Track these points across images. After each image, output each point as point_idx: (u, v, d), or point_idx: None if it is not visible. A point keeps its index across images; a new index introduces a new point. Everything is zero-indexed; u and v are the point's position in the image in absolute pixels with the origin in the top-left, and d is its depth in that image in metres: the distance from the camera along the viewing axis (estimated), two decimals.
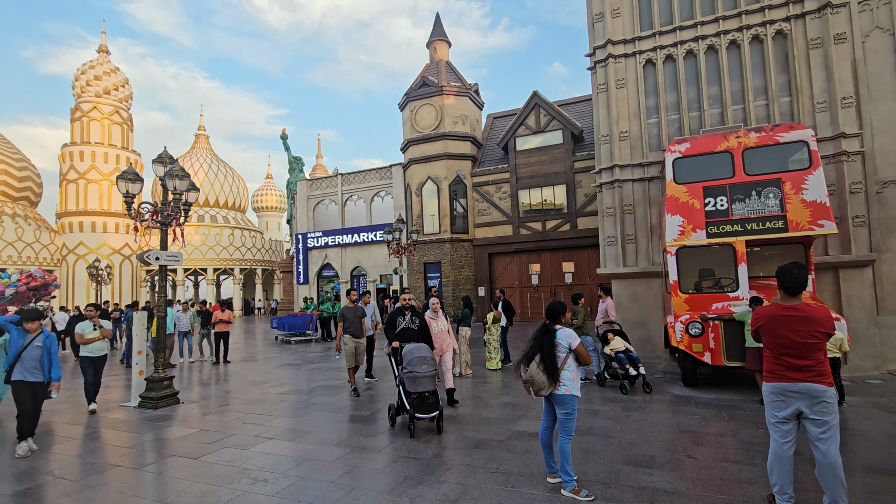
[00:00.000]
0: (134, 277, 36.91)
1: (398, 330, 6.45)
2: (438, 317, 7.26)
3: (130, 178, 8.40)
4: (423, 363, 5.75)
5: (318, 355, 13.46)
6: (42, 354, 5.69)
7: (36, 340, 5.69)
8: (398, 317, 6.56)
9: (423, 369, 5.70)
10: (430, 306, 7.26)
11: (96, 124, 35.30)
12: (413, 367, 5.70)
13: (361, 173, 26.98)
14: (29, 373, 5.61)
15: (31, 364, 5.62)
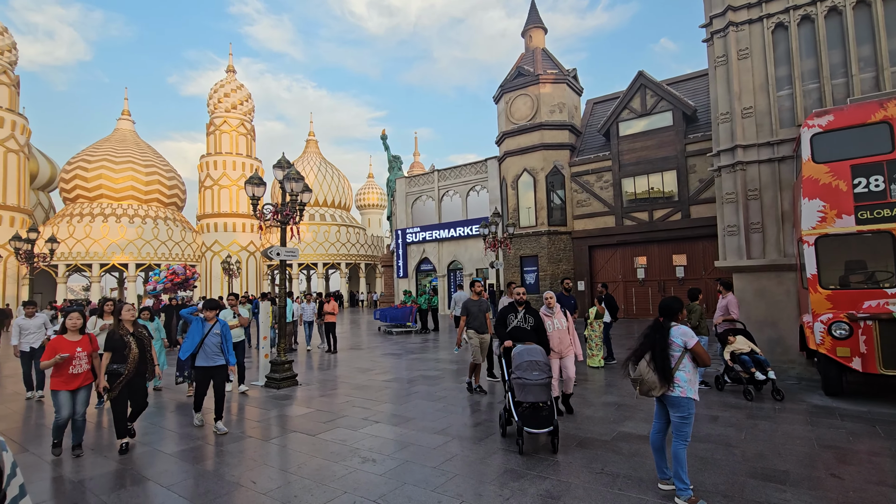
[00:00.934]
0: (258, 271, 41.42)
1: (509, 329, 5.73)
2: (555, 313, 6.17)
3: (256, 182, 9.41)
4: (534, 368, 4.96)
5: (417, 346, 13.96)
6: (221, 341, 5.99)
7: (214, 328, 5.97)
8: (509, 314, 5.81)
9: (534, 376, 4.91)
10: (545, 301, 6.19)
11: (226, 136, 40.11)
12: (522, 372, 4.95)
13: (457, 168, 27.37)
14: (210, 359, 5.91)
15: (212, 350, 5.90)
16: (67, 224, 34.98)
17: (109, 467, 4.89)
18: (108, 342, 5.24)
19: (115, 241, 35.11)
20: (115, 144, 40.58)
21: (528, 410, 4.93)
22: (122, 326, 5.41)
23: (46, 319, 8.64)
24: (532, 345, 5.27)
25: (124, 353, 5.23)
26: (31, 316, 8.31)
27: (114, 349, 5.25)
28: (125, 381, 5.21)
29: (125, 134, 42.70)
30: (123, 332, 5.35)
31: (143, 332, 5.51)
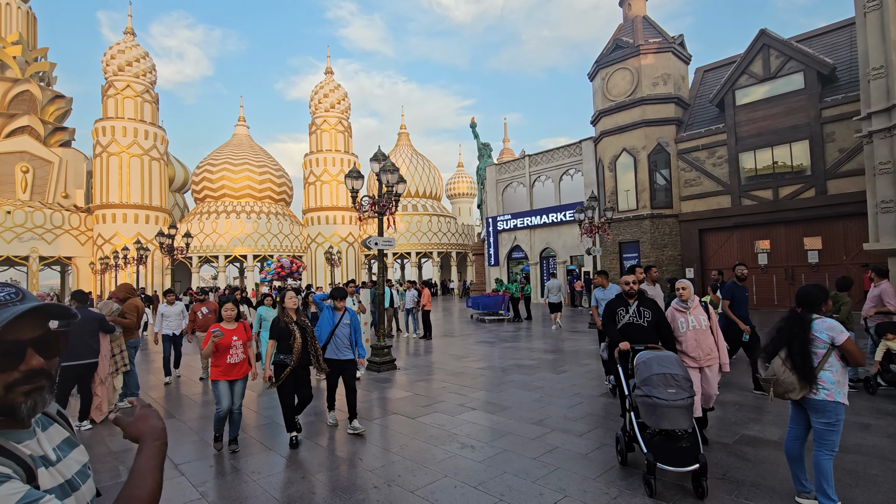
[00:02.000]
0: (357, 261, 43.92)
1: (620, 326, 4.55)
2: (690, 308, 4.63)
3: (354, 175, 9.86)
4: (669, 384, 3.65)
5: (510, 334, 13.79)
6: (351, 332, 5.57)
7: (344, 318, 5.52)
8: (619, 307, 4.63)
9: (671, 395, 3.61)
10: (678, 293, 4.68)
11: (326, 134, 42.80)
12: (652, 388, 3.67)
13: (549, 153, 26.46)
14: (340, 352, 5.48)
15: (342, 343, 5.48)
16: (198, 221, 39.90)
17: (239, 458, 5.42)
18: (273, 331, 4.97)
19: (235, 235, 39.35)
20: (233, 148, 45.35)
21: (661, 439, 3.69)
22: (287, 314, 5.03)
23: (183, 307, 9.08)
24: (665, 351, 4.01)
25: (289, 342, 4.91)
26: (171, 303, 8.80)
27: (279, 338, 4.96)
28: (290, 373, 4.94)
29: (241, 138, 47.50)
30: (288, 321, 4.98)
31: (306, 322, 5.10)
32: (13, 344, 0.88)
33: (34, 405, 0.91)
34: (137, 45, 37.87)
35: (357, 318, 5.65)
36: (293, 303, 5.10)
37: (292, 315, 5.06)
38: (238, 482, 4.22)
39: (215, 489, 4.09)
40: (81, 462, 1.05)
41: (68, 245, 35.39)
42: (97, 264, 34.37)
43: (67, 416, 1.14)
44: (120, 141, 35.72)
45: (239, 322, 5.05)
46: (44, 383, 0.92)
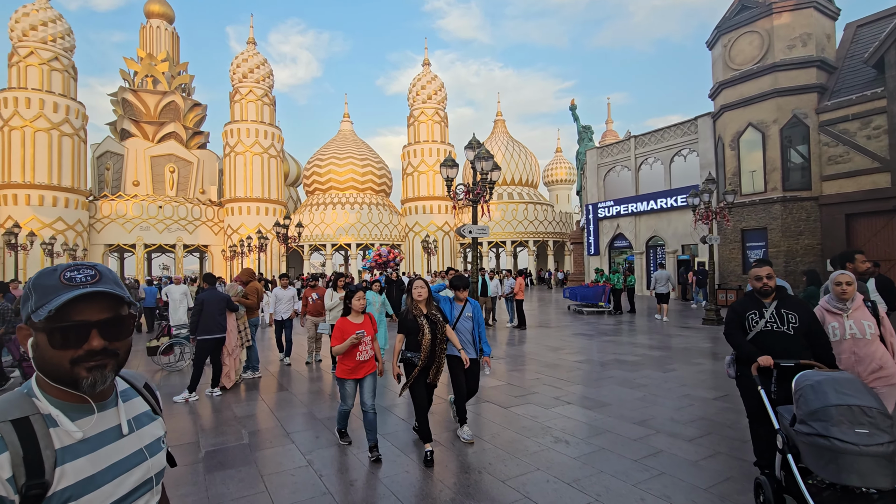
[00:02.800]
0: (452, 249, 44.67)
1: (752, 335, 3.45)
2: (851, 310, 3.53)
3: (449, 164, 9.91)
4: (858, 421, 2.45)
5: (611, 328, 13.03)
6: (473, 327, 4.86)
7: (466, 311, 4.87)
8: (749, 309, 3.51)
9: (862, 438, 2.40)
10: (836, 288, 3.53)
11: (423, 126, 43.87)
12: (830, 426, 2.47)
13: (658, 133, 24.39)
14: (466, 348, 4.75)
15: (464, 339, 4.79)
16: (308, 212, 43.42)
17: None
18: (401, 324, 4.42)
19: (341, 225, 42.21)
20: (339, 144, 48.47)
21: (837, 495, 2.52)
22: (416, 306, 4.38)
23: (294, 292, 9.42)
24: (842, 373, 2.78)
25: (417, 338, 4.29)
26: (284, 287, 9.17)
27: (407, 332, 4.38)
28: (419, 374, 4.30)
29: (346, 134, 50.56)
30: (417, 314, 4.34)
31: (437, 316, 4.38)
32: (79, 324, 0.94)
33: (94, 381, 0.95)
34: (258, 53, 41.95)
35: (480, 310, 4.99)
36: (422, 293, 4.40)
37: (421, 307, 4.39)
38: (341, 454, 4.46)
39: (320, 458, 4.37)
40: (156, 436, 1.11)
41: (205, 235, 40.68)
42: (227, 251, 39.11)
43: (155, 390, 1.23)
44: (244, 141, 40.07)
45: (365, 315, 4.54)
46: (107, 362, 0.97)
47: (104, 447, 0.98)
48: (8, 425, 0.87)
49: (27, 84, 33.07)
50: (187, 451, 4.66)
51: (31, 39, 33.46)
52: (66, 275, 0.96)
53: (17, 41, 33.58)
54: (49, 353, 0.93)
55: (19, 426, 0.88)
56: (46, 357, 0.94)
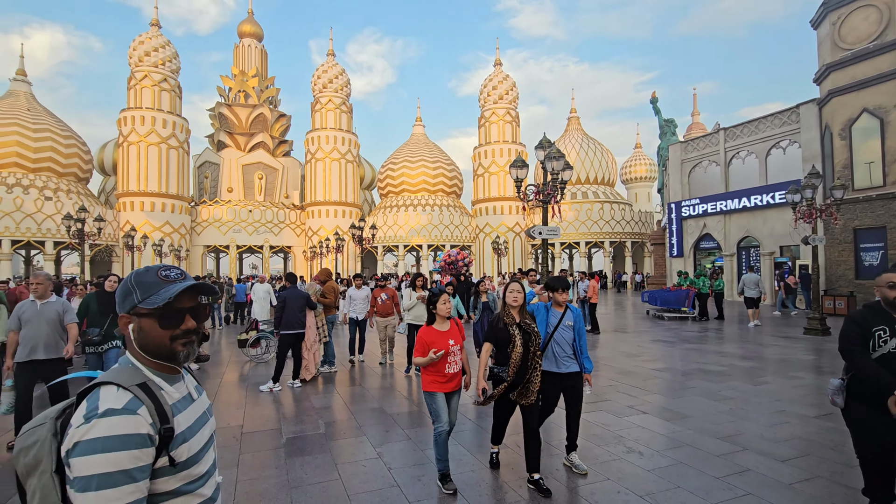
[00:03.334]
0: (523, 250, 44.05)
1: (879, 354, 2.81)
2: None
3: (519, 165, 9.82)
4: None
5: (694, 335, 12.15)
6: (574, 337, 4.02)
7: (566, 318, 4.03)
8: (876, 324, 2.84)
9: None
10: None
11: (494, 126, 43.72)
12: None
13: (752, 123, 22.38)
14: (560, 363, 3.99)
15: (562, 352, 3.98)
16: (382, 214, 44.95)
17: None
18: (490, 332, 3.79)
19: (413, 227, 43.25)
20: (411, 147, 49.69)
21: None
22: (508, 314, 3.75)
23: (369, 291, 9.23)
24: None
25: (507, 350, 3.64)
26: (359, 287, 9.05)
27: (496, 343, 3.75)
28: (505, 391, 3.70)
29: (418, 137, 51.72)
30: (509, 322, 3.71)
31: (531, 325, 3.72)
32: (178, 310, 1.20)
33: (187, 354, 1.23)
34: (336, 63, 44.24)
35: (581, 319, 4.17)
36: (518, 299, 3.76)
37: (514, 315, 3.75)
38: (410, 449, 4.59)
39: (389, 452, 4.53)
40: (207, 403, 1.38)
41: (289, 236, 43.58)
42: (308, 252, 41.60)
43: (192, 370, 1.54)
44: (324, 148, 42.44)
45: (452, 321, 3.95)
46: (194, 339, 1.24)
47: (188, 407, 1.24)
48: (137, 388, 1.11)
49: (141, 104, 37.48)
50: (271, 436, 5.04)
51: (145, 64, 37.88)
52: (163, 273, 1.21)
53: (135, 66, 38.18)
54: (155, 333, 1.17)
55: (143, 388, 1.12)
56: (151, 337, 1.18)
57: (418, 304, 7.71)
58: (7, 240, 31.13)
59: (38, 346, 4.69)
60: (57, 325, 4.84)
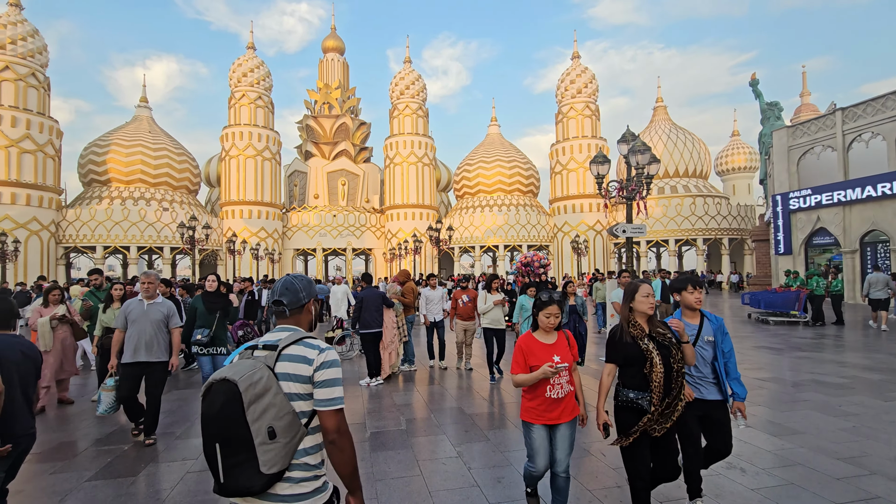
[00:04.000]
0: (605, 249, 42.17)
1: None
2: None
3: (600, 160, 9.45)
4: None
5: (807, 342, 10.85)
6: (714, 356, 3.18)
7: (705, 331, 3.18)
8: None
9: None
10: None
11: (573, 122, 42.36)
12: None
13: (878, 101, 19.60)
14: (697, 386, 3.19)
15: (699, 372, 3.19)
16: (458, 215, 45.37)
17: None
18: (612, 350, 2.91)
19: (489, 227, 43.17)
20: (486, 147, 49.68)
21: None
22: (634, 323, 2.88)
23: (444, 292, 9.16)
24: None
25: (642, 370, 2.80)
26: (433, 288, 8.92)
27: (623, 364, 2.88)
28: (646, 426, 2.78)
29: (493, 137, 51.58)
30: (637, 334, 2.84)
31: (667, 336, 2.87)
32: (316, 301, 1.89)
33: (316, 325, 1.89)
34: (412, 70, 45.48)
35: (726, 332, 3.25)
36: (649, 304, 2.85)
37: (643, 326, 2.86)
38: (489, 450, 4.57)
39: (469, 451, 4.54)
40: None
41: (370, 239, 45.51)
42: (387, 254, 43.14)
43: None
44: (401, 152, 43.82)
45: (560, 332, 3.08)
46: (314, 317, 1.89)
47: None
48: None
49: (240, 120, 41.29)
50: (356, 430, 5.28)
51: (242, 84, 41.77)
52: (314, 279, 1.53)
53: (234, 86, 42.19)
54: (315, 311, 1.88)
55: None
56: (314, 314, 1.87)
57: (495, 308, 7.47)
58: (134, 246, 35.79)
59: (141, 347, 4.61)
60: (162, 326, 4.74)
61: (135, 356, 4.59)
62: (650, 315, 2.89)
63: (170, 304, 4.85)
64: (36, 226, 32.51)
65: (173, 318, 4.82)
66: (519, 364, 3.00)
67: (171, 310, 4.81)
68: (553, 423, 2.97)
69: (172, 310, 4.83)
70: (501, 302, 7.44)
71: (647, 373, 2.78)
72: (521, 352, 3.02)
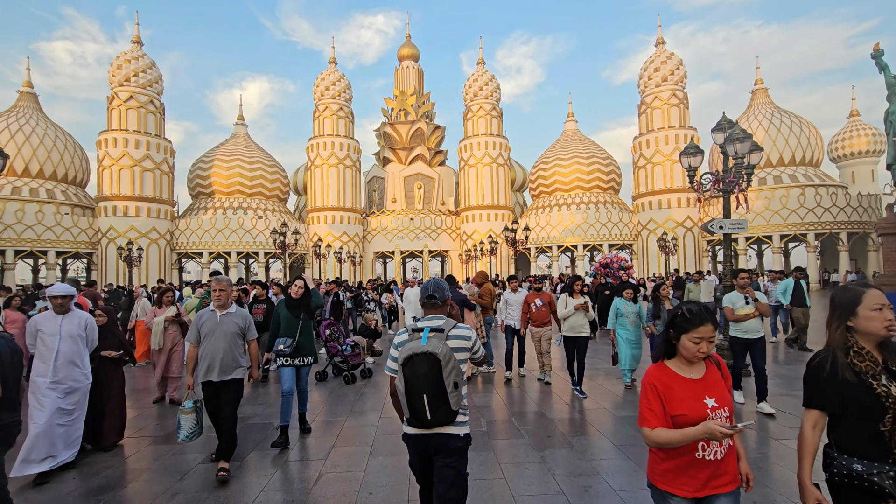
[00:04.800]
0: (696, 248, 39.00)
1: None
2: None
3: (692, 152, 8.68)
4: None
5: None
6: None
7: None
8: None
9: None
10: None
11: (657, 112, 39.71)
12: None
13: None
14: None
15: None
16: (534, 215, 44.44)
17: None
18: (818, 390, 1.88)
19: (567, 227, 41.77)
20: (562, 144, 48.23)
21: None
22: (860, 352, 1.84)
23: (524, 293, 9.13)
24: None
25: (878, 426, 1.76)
26: (514, 290, 8.06)
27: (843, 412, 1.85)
28: None
29: (570, 133, 49.96)
30: (865, 368, 1.81)
31: None
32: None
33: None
34: (486, 71, 45.41)
35: None
36: (885, 322, 1.83)
37: (875, 355, 1.86)
38: (574, 457, 4.31)
39: (553, 458, 4.31)
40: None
41: (445, 241, 46.03)
42: (463, 255, 43.33)
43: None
44: (475, 154, 43.87)
45: (708, 362, 2.05)
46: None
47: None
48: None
49: (323, 131, 43.78)
50: None
51: (325, 97, 44.27)
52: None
53: (318, 100, 44.85)
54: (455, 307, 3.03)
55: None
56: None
57: (576, 314, 6.71)
58: (234, 251, 39.27)
59: (216, 365, 4.11)
60: (237, 340, 4.25)
61: (207, 375, 4.14)
62: (885, 338, 1.85)
63: (244, 314, 4.39)
64: (154, 235, 36.94)
65: (250, 330, 4.41)
66: (655, 413, 1.96)
67: (246, 320, 4.37)
68: (706, 495, 1.94)
69: (248, 320, 4.41)
70: (584, 307, 6.70)
71: (888, 431, 1.74)
72: (654, 394, 1.99)
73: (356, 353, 8.14)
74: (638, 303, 7.22)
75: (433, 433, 2.44)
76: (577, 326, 6.70)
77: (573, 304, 6.72)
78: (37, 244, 33.35)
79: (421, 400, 2.32)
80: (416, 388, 2.32)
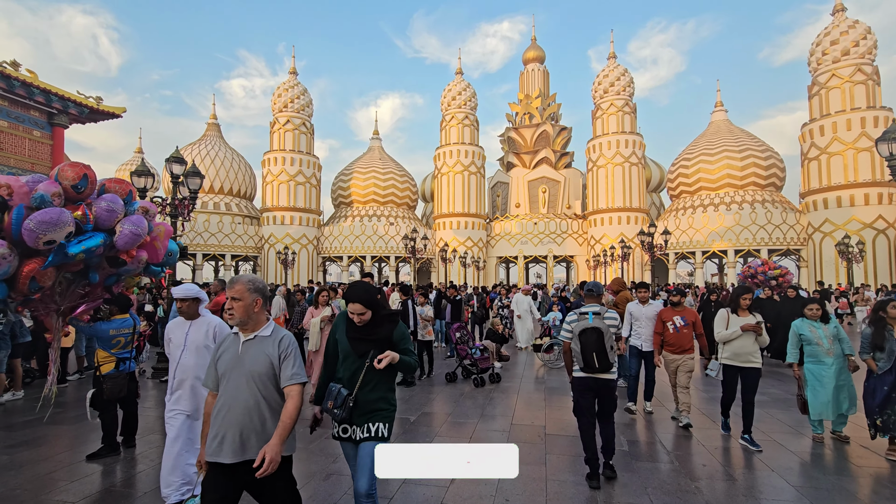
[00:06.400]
0: (890, 253, 31.68)
1: None
2: None
3: (893, 137, 7.01)
4: None
5: None
6: None
7: None
8: None
9: None
10: None
11: (836, 92, 33.25)
12: None
13: None
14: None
15: None
16: (674, 217, 40.34)
17: None
18: None
19: (714, 230, 37.09)
20: (709, 137, 43.07)
21: None
22: None
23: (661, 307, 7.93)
24: None
25: None
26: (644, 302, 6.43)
27: None
28: None
29: (718, 125, 44.46)
30: None
31: None
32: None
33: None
34: (617, 66, 42.77)
35: None
36: None
37: None
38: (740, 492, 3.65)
39: (710, 488, 3.71)
40: None
41: (571, 246, 44.25)
42: (590, 261, 41.14)
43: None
44: (605, 154, 41.50)
45: None
46: None
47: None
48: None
49: (450, 140, 45.41)
50: (571, 443, 4.92)
51: (452, 107, 45.89)
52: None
53: (445, 110, 46.64)
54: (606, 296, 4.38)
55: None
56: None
57: (744, 336, 5.02)
58: (369, 256, 42.71)
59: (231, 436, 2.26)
60: (268, 383, 2.34)
61: (218, 453, 2.26)
62: None
63: (286, 336, 2.43)
64: (305, 241, 42.34)
65: (288, 366, 2.36)
66: None
67: (285, 345, 2.40)
68: None
69: (288, 345, 2.40)
70: (754, 328, 4.97)
71: None
72: None
73: (485, 356, 8.13)
74: (831, 321, 5.19)
75: (598, 377, 4.01)
76: (745, 354, 5.02)
77: (739, 324, 5.07)
78: (218, 249, 40.50)
79: (591, 356, 3.91)
80: (588, 348, 3.92)
